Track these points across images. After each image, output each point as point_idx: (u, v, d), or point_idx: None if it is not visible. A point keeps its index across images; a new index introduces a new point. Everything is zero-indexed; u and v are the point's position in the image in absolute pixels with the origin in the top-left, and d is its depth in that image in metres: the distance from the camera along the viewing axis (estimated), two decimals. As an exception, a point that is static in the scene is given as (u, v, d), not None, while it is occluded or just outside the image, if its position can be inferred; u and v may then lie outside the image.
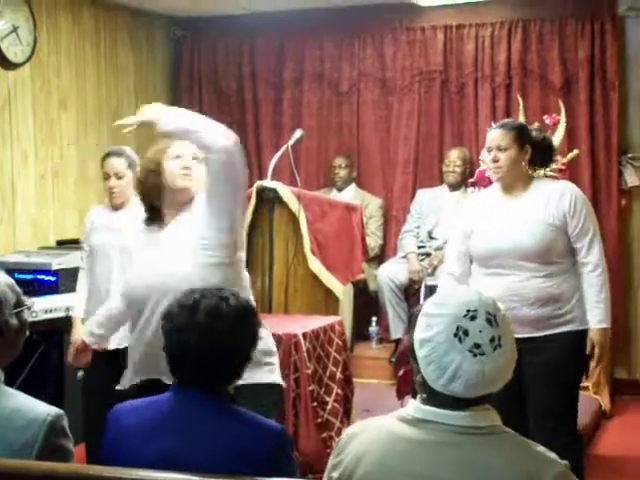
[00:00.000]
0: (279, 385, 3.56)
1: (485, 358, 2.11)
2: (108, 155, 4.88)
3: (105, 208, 4.92)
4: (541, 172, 5.67)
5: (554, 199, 4.20)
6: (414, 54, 7.52)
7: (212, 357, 2.47)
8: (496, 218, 4.23)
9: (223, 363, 2.49)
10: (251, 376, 2.99)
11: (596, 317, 4.19)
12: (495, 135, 4.24)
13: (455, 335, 2.12)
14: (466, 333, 2.12)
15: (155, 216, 3.55)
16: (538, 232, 4.14)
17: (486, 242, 4.21)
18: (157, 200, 3.54)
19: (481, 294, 2.20)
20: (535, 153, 4.29)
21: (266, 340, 3.38)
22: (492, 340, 2.12)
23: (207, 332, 2.48)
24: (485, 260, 4.24)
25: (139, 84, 7.66)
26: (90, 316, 4.36)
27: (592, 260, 4.24)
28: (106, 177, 4.82)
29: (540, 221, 4.15)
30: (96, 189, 5.30)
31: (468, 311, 2.14)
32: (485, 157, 4.36)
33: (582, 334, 4.20)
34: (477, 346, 2.11)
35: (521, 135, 4.25)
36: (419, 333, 2.19)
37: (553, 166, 5.82)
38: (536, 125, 4.97)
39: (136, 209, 4.54)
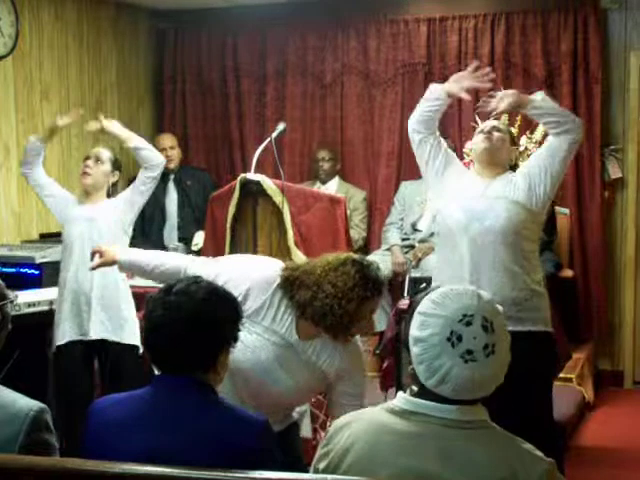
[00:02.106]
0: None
1: (476, 365, 2.10)
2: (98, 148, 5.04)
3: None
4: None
5: (518, 180, 4.16)
6: (398, 46, 7.51)
7: (179, 340, 2.47)
8: (462, 193, 4.19)
9: (193, 343, 2.48)
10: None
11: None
12: (492, 121, 4.33)
13: (448, 339, 2.12)
14: (459, 339, 2.11)
15: None
16: (520, 212, 4.08)
17: (455, 215, 4.14)
18: None
19: (481, 297, 2.19)
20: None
21: None
22: (485, 347, 2.11)
23: (175, 311, 2.49)
24: (449, 241, 4.18)
25: (122, 77, 7.63)
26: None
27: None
28: (86, 158, 4.93)
29: (510, 200, 4.09)
30: (79, 181, 5.29)
31: (464, 316, 2.13)
32: (476, 138, 4.30)
33: (548, 335, 4.16)
34: (469, 352, 2.11)
35: (510, 133, 4.34)
36: (414, 330, 2.18)
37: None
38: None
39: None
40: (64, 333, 4.91)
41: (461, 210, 4.12)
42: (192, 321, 2.49)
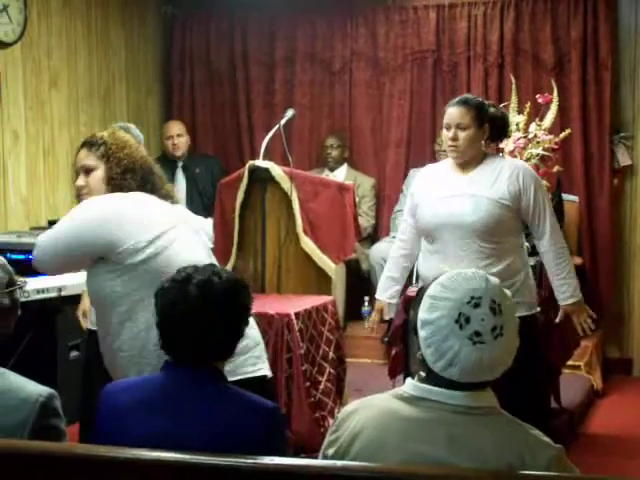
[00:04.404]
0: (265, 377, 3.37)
1: (484, 347, 2.10)
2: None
3: None
4: (534, 151, 5.69)
5: (504, 177, 4.18)
6: (406, 33, 7.49)
7: (203, 331, 2.47)
8: (442, 193, 4.21)
9: (214, 338, 2.49)
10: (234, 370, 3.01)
11: (564, 294, 4.27)
12: (455, 112, 4.20)
13: (456, 321, 2.12)
14: (467, 320, 2.11)
15: None
16: (483, 208, 4.12)
17: (430, 216, 4.20)
18: None
19: (489, 280, 2.18)
20: (492, 129, 4.28)
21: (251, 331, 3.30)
22: (494, 329, 2.11)
23: (198, 306, 2.48)
24: (429, 235, 4.26)
25: (130, 63, 7.62)
26: None
27: (546, 236, 4.24)
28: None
29: (487, 197, 4.13)
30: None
31: (472, 298, 2.13)
32: (443, 134, 4.28)
33: (531, 319, 4.21)
34: (477, 334, 2.11)
35: (480, 113, 4.21)
36: (422, 313, 2.19)
37: (546, 145, 5.83)
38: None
39: None
40: None
41: (444, 208, 4.17)
42: (215, 317, 2.49)
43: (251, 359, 3.27)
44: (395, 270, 4.58)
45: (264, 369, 3.33)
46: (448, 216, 4.14)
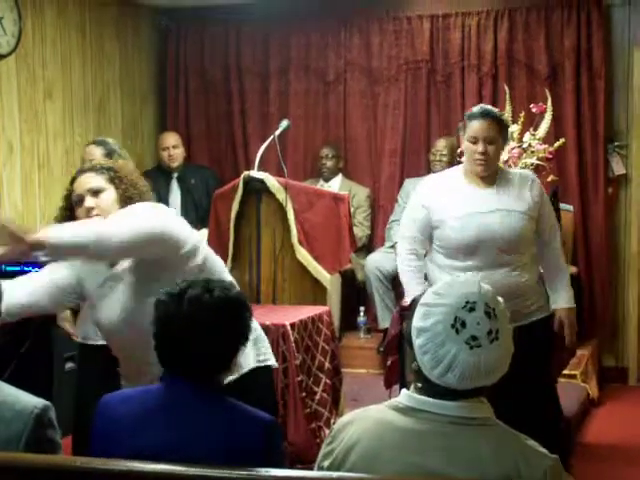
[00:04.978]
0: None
1: (481, 350, 2.11)
2: (89, 143, 4.92)
3: None
4: (528, 161, 5.70)
5: (525, 189, 4.23)
6: (400, 43, 7.50)
7: (196, 347, 2.46)
8: (472, 209, 4.17)
9: (208, 354, 2.48)
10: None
11: (564, 298, 4.32)
12: (482, 126, 4.16)
13: (452, 326, 2.12)
14: (463, 325, 2.12)
15: None
16: (519, 223, 4.17)
17: (464, 233, 4.16)
18: None
19: (482, 286, 2.19)
20: None
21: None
22: (489, 333, 2.12)
23: (190, 322, 2.47)
24: (459, 252, 4.21)
25: (125, 74, 7.63)
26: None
27: (557, 245, 4.35)
28: (82, 163, 4.86)
29: (518, 212, 4.18)
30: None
31: (467, 302, 2.14)
32: (467, 147, 4.22)
33: (546, 320, 4.32)
34: (474, 338, 2.11)
35: (502, 125, 4.25)
36: (417, 321, 2.19)
37: (540, 155, 5.84)
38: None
39: None
40: None
41: (479, 224, 4.14)
42: (207, 333, 2.47)
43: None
44: (417, 270, 4.42)
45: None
46: (485, 232, 4.13)
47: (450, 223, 4.19)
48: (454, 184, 4.28)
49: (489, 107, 4.37)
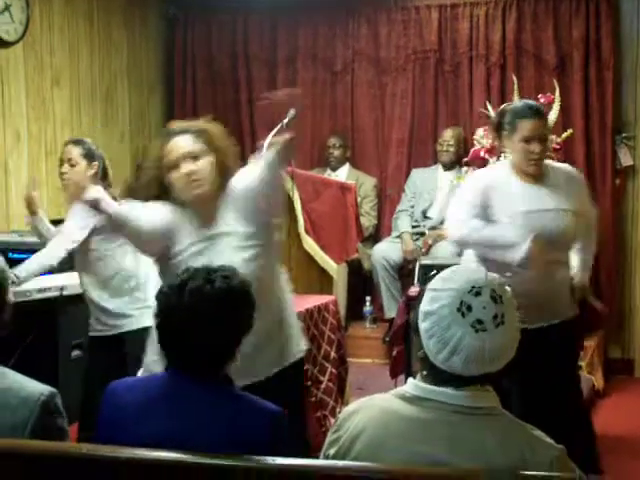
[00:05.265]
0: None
1: (487, 334, 2.11)
2: (67, 142, 4.90)
3: None
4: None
5: (572, 186, 4.22)
6: (409, 33, 7.49)
7: (198, 339, 2.45)
8: (528, 207, 4.11)
9: (210, 345, 2.47)
10: None
11: (585, 270, 4.38)
12: (536, 125, 4.08)
13: (458, 310, 2.13)
14: (469, 308, 2.12)
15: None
16: (571, 221, 4.16)
17: (523, 232, 4.05)
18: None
19: (488, 273, 2.20)
20: None
21: None
22: (495, 317, 2.12)
23: (191, 314, 2.46)
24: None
25: (132, 63, 7.63)
26: None
27: (594, 235, 4.44)
28: (60, 163, 4.82)
29: (571, 210, 4.17)
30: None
31: (473, 287, 2.14)
32: (520, 147, 4.11)
33: (576, 317, 4.33)
34: (480, 322, 2.11)
35: (546, 121, 4.23)
36: (424, 306, 2.19)
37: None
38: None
39: None
40: None
41: (537, 223, 4.09)
42: (208, 325, 2.46)
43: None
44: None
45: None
46: (542, 229, 4.07)
47: (507, 221, 4.10)
48: (508, 182, 4.18)
49: (535, 103, 4.30)
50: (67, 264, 5.03)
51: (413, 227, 7.11)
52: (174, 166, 3.28)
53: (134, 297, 4.74)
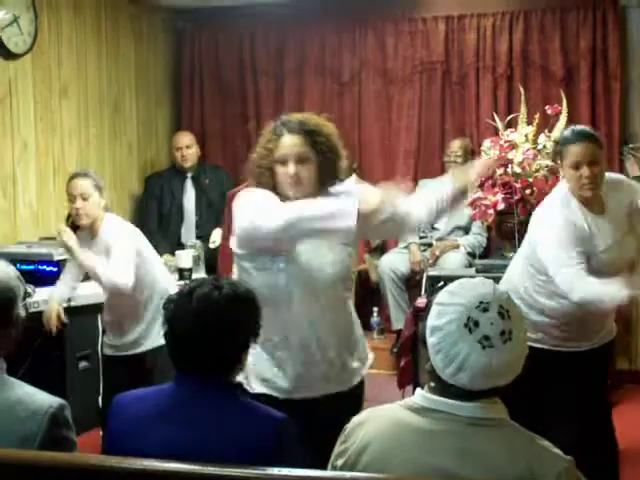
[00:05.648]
0: None
1: (494, 351, 2.10)
2: (73, 177, 4.86)
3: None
4: (543, 163, 5.68)
5: (623, 205, 4.10)
6: (416, 44, 7.50)
7: (206, 345, 2.47)
8: (602, 245, 4.03)
9: (218, 351, 2.49)
10: None
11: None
12: (587, 150, 3.99)
13: (465, 325, 2.12)
14: (476, 324, 2.12)
15: None
16: (631, 246, 4.12)
17: (603, 267, 4.03)
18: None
19: (496, 287, 2.19)
20: None
21: None
22: (502, 333, 2.12)
23: (198, 320, 2.48)
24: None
25: (140, 75, 7.65)
26: None
27: None
28: (71, 199, 4.77)
29: (631, 235, 4.11)
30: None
31: (481, 303, 2.14)
32: (571, 174, 4.02)
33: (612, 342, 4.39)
34: (487, 338, 2.11)
35: (601, 144, 4.11)
36: (431, 320, 2.19)
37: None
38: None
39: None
40: None
41: (610, 258, 4.07)
42: (216, 330, 2.48)
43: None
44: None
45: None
46: (618, 261, 4.08)
47: (590, 259, 4.01)
48: (583, 219, 4.03)
49: (582, 128, 4.23)
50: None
51: (420, 238, 7.10)
52: (282, 161, 3.35)
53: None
